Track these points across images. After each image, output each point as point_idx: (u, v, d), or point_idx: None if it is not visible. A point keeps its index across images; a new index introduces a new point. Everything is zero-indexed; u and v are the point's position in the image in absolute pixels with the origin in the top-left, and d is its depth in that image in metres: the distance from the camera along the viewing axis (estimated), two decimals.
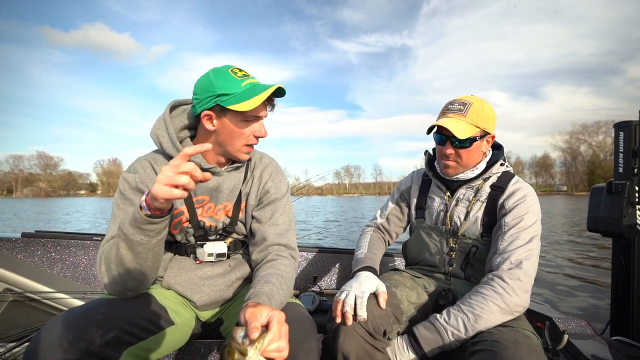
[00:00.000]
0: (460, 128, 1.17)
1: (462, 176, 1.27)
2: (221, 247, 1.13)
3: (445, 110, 1.25)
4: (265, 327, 0.69)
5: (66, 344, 0.74)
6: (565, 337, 1.22)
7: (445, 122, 1.19)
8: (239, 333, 0.66)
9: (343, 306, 1.05)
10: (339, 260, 2.11)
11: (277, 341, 0.67)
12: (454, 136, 1.18)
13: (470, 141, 1.20)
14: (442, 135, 1.23)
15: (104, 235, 2.02)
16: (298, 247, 2.12)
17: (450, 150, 1.22)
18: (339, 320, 1.04)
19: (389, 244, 1.54)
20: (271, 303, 0.86)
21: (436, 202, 1.35)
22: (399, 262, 2.07)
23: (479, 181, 1.27)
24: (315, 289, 1.91)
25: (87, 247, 1.95)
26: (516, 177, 1.27)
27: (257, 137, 1.04)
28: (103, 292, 1.73)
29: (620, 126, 1.74)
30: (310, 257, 2.08)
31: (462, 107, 1.22)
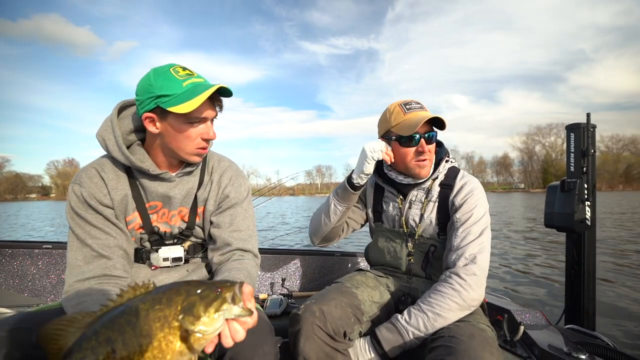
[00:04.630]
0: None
1: (412, 181, 1.28)
2: (177, 251, 1.08)
3: (412, 109, 1.24)
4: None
5: None
6: (521, 328, 1.28)
7: (430, 117, 1.18)
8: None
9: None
10: (308, 262, 2.10)
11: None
12: (430, 131, 1.20)
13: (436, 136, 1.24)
14: (425, 134, 1.21)
15: (54, 242, 1.89)
16: (266, 249, 2.09)
17: (429, 146, 1.23)
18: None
19: (344, 232, 1.48)
20: None
21: (391, 207, 1.36)
22: (364, 264, 2.09)
23: (429, 182, 1.29)
24: (284, 291, 1.88)
25: (35, 256, 1.80)
26: (462, 171, 1.30)
27: (205, 140, 1.00)
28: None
29: (571, 128, 1.85)
30: (278, 259, 2.05)
31: (422, 104, 1.26)
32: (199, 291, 0.55)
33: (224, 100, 1.01)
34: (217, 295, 0.56)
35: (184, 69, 0.96)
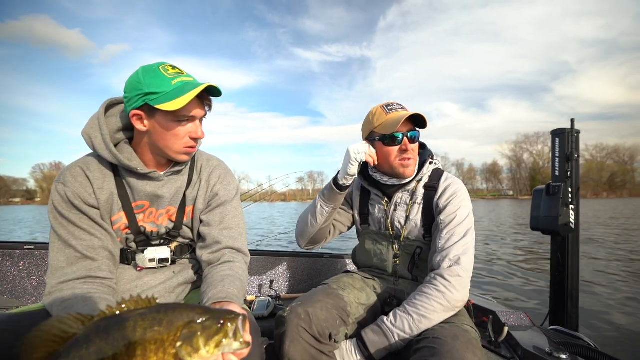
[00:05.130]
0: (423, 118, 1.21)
1: (397, 182, 1.28)
2: (164, 252, 1.06)
3: (394, 109, 1.25)
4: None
5: None
6: (506, 329, 1.30)
7: (411, 114, 1.19)
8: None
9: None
10: (297, 264, 2.09)
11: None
12: (413, 130, 1.22)
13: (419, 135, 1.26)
14: (408, 133, 1.22)
15: (36, 243, 1.84)
16: (255, 251, 2.08)
17: (413, 145, 1.23)
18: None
19: (330, 235, 1.49)
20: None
21: (377, 209, 1.37)
22: (352, 267, 2.10)
23: (413, 183, 1.29)
24: (272, 293, 1.87)
25: (16, 256, 1.75)
26: (445, 173, 1.31)
27: (194, 139, 0.99)
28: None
29: (556, 133, 1.89)
30: (266, 261, 2.04)
31: (402, 105, 1.27)
32: (201, 320, 0.53)
33: (215, 102, 1.01)
34: (219, 328, 0.54)
35: (174, 67, 0.95)
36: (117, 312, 0.52)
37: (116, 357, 0.48)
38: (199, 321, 0.53)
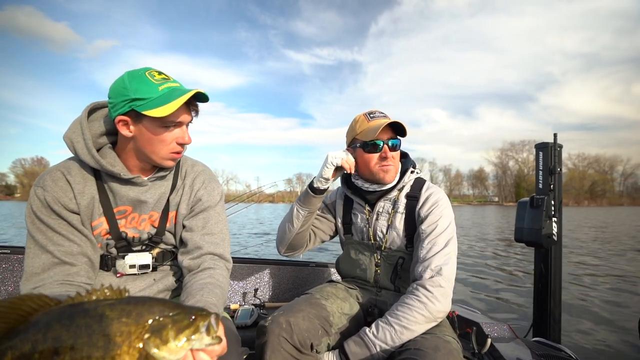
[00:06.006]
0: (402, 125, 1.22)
1: (377, 187, 1.29)
2: (145, 258, 1.05)
3: (375, 117, 1.27)
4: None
5: None
6: (489, 340, 1.32)
7: (390, 121, 1.20)
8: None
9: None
10: (282, 272, 2.07)
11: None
12: (394, 138, 1.23)
13: (400, 144, 1.27)
14: (389, 141, 1.24)
15: (12, 247, 1.77)
16: (240, 259, 2.05)
17: (393, 153, 1.25)
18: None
19: (310, 242, 1.46)
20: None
21: (359, 218, 1.37)
22: (337, 276, 2.09)
23: (395, 192, 1.30)
24: (256, 301, 1.85)
25: None
26: (427, 182, 1.32)
27: (180, 144, 0.99)
28: None
29: (540, 147, 1.93)
30: (251, 268, 2.01)
31: (385, 114, 1.28)
32: (172, 313, 0.51)
33: (202, 104, 1.00)
34: (190, 322, 0.52)
35: (160, 73, 0.95)
36: (86, 300, 0.50)
37: (75, 347, 0.45)
38: (170, 314, 0.51)
